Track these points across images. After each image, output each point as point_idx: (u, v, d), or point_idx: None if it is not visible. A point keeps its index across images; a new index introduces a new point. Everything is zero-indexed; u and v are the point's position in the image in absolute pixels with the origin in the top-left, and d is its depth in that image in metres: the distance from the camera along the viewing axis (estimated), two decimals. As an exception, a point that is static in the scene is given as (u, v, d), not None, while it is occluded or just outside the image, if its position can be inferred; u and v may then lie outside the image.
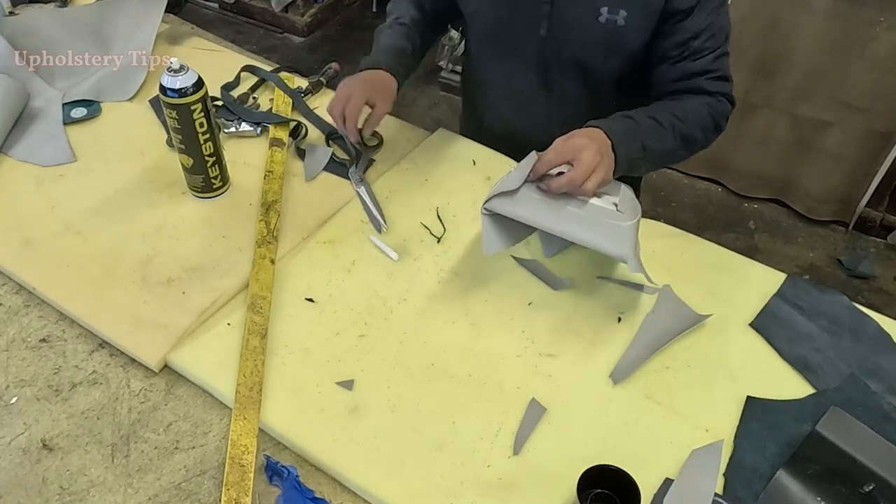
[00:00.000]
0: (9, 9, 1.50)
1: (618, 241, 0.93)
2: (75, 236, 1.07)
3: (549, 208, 0.95)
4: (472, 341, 0.95)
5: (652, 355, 0.92)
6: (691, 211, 2.46)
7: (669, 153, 1.04)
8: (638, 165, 1.01)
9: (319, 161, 1.21)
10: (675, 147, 1.03)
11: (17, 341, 0.95)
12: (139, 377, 0.91)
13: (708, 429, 0.86)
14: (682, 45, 1.04)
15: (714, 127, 1.07)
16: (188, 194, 1.15)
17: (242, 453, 0.82)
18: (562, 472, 0.80)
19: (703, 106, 1.05)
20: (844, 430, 0.84)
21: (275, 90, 1.36)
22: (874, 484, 0.79)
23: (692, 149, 1.07)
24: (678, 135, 1.02)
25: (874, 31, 2.01)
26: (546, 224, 0.95)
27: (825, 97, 2.16)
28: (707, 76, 1.05)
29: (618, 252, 0.92)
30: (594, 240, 0.93)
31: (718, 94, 1.06)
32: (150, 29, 1.42)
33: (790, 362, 0.93)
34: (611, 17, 1.03)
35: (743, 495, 0.79)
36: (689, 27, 1.02)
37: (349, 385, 0.89)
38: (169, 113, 1.04)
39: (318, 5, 3.34)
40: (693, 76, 1.05)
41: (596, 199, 0.97)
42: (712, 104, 1.05)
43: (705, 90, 1.05)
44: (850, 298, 1.01)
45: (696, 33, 1.02)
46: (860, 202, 2.31)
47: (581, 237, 0.94)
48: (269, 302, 0.97)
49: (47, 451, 0.84)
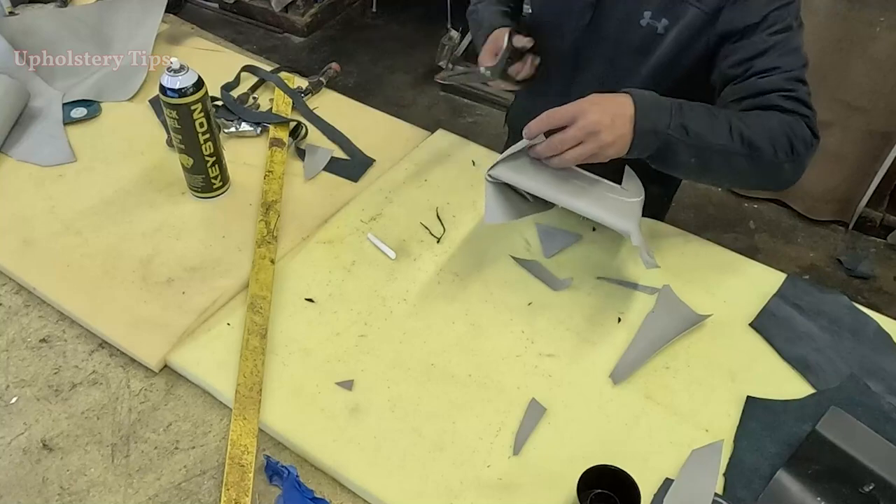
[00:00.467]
0: (9, 9, 1.50)
1: (622, 215, 0.92)
2: (75, 236, 1.07)
3: (554, 179, 0.94)
4: (472, 341, 0.95)
5: (652, 355, 0.92)
6: (691, 211, 2.46)
7: (726, 154, 0.91)
8: (677, 150, 0.90)
9: (319, 161, 1.21)
10: (735, 149, 0.90)
11: (17, 341, 0.95)
12: (139, 377, 0.91)
13: (708, 429, 0.86)
14: (745, 63, 0.96)
15: (789, 146, 0.92)
16: (188, 194, 1.15)
17: (242, 453, 0.82)
18: (562, 472, 0.80)
19: (775, 119, 0.92)
20: (844, 430, 0.84)
21: (275, 90, 1.36)
22: (874, 484, 0.79)
23: (761, 164, 0.92)
24: (738, 134, 0.90)
25: (874, 31, 2.00)
26: (550, 194, 0.93)
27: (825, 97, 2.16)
28: (780, 94, 0.94)
29: (621, 225, 0.91)
30: (598, 213, 0.92)
31: (796, 113, 0.94)
32: (150, 29, 1.42)
33: (790, 362, 0.93)
34: (652, 22, 1.02)
35: (743, 495, 0.79)
36: (749, 46, 0.95)
37: (349, 385, 0.89)
38: (169, 113, 1.04)
39: (318, 5, 3.34)
40: (763, 93, 0.94)
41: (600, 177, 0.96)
42: (788, 122, 0.93)
43: (779, 107, 0.93)
44: (850, 298, 1.01)
45: (761, 51, 0.95)
46: (860, 202, 2.31)
47: (585, 209, 0.92)
48: (269, 302, 0.97)
49: (47, 451, 0.84)
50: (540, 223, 1.10)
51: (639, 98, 0.88)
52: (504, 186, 0.96)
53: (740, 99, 0.96)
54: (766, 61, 0.95)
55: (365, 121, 1.33)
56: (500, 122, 1.47)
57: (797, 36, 0.97)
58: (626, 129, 0.87)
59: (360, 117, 1.34)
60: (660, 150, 0.90)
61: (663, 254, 1.07)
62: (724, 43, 0.99)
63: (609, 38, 1.08)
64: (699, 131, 0.89)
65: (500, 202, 0.96)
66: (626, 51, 1.07)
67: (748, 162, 0.92)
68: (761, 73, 0.95)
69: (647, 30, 1.03)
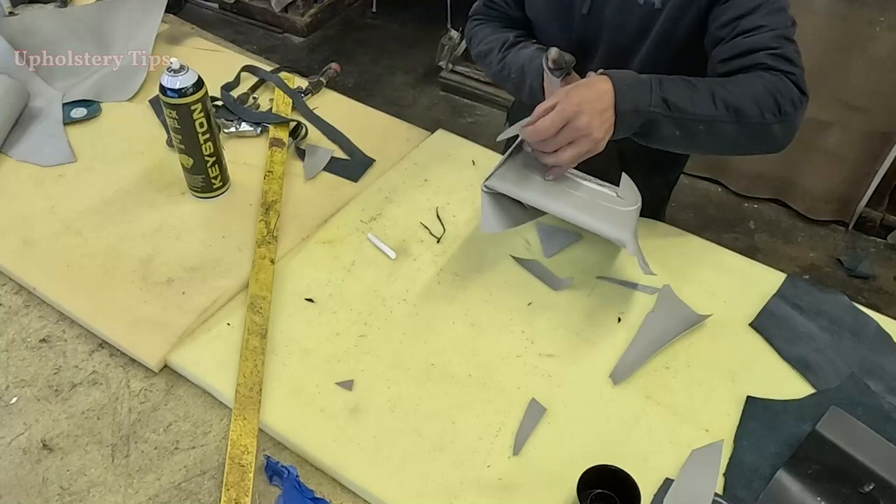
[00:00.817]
0: (9, 9, 1.50)
1: (617, 225, 0.92)
2: (75, 236, 1.07)
3: (550, 189, 0.95)
4: (472, 341, 0.95)
5: (652, 355, 0.92)
6: (691, 211, 2.46)
7: (712, 123, 0.91)
8: (661, 125, 0.91)
9: (319, 161, 1.21)
10: (721, 117, 0.91)
11: (17, 341, 0.95)
12: (139, 377, 0.91)
13: (708, 429, 0.86)
14: (732, 24, 0.95)
15: (776, 106, 0.91)
16: (188, 194, 1.15)
17: (242, 453, 0.82)
18: (562, 472, 0.80)
19: (758, 81, 0.92)
20: (844, 430, 0.84)
21: (275, 90, 1.36)
22: (874, 484, 0.79)
23: (749, 129, 0.92)
24: (721, 102, 0.90)
25: (874, 31, 2.00)
26: (546, 205, 0.95)
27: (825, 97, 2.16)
28: (766, 52, 0.93)
29: (616, 236, 0.92)
30: (593, 223, 0.93)
31: (780, 71, 0.93)
32: (150, 29, 1.42)
33: (790, 362, 0.93)
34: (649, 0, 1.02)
35: (743, 495, 0.79)
36: (736, 6, 0.95)
37: (349, 385, 0.89)
38: (169, 113, 1.04)
39: (318, 5, 3.34)
40: (748, 52, 0.94)
41: (597, 184, 0.97)
42: (773, 81, 0.92)
43: (764, 65, 0.93)
44: (850, 298, 1.01)
45: (747, 10, 0.94)
46: (860, 202, 2.31)
47: (580, 219, 0.93)
48: (269, 302, 0.97)
49: (47, 451, 0.84)
50: (540, 223, 1.10)
51: (616, 80, 0.89)
52: (500, 195, 0.96)
53: (727, 59, 0.96)
54: (753, 20, 0.95)
55: (365, 121, 1.33)
56: (500, 122, 1.47)
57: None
58: (610, 114, 0.88)
59: (360, 117, 1.34)
60: (643, 126, 0.91)
61: (663, 254, 1.07)
62: (713, 7, 0.99)
63: (610, 23, 1.08)
64: (680, 104, 0.90)
65: (496, 212, 0.97)
66: (628, 32, 1.07)
67: (735, 128, 0.92)
68: (747, 31, 0.95)
69: (646, 7, 1.03)
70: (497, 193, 0.96)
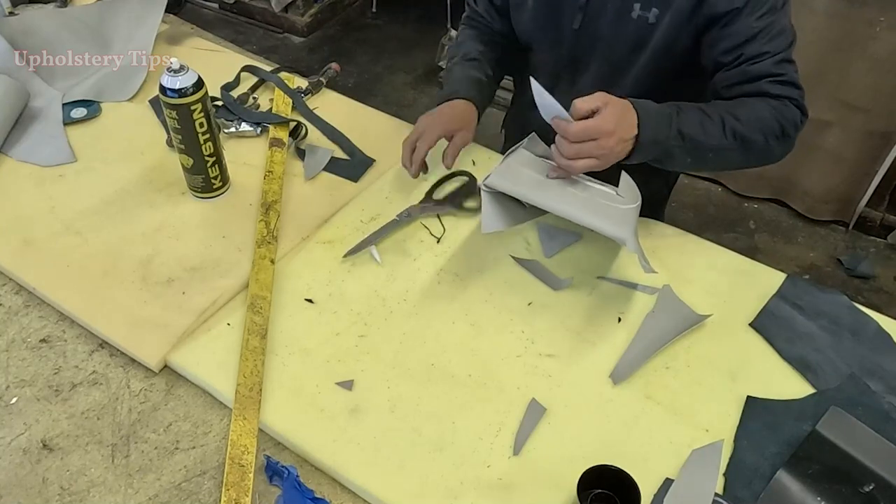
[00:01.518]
0: (9, 9, 1.50)
1: (617, 222, 0.93)
2: (75, 236, 1.07)
3: (550, 188, 0.95)
4: (472, 341, 0.95)
5: (652, 355, 0.92)
6: (691, 211, 2.46)
7: (720, 151, 0.97)
8: (674, 154, 0.96)
9: (319, 161, 1.21)
10: (728, 146, 0.96)
11: (17, 341, 0.95)
12: (139, 377, 0.91)
13: (708, 429, 0.86)
14: (735, 51, 0.99)
15: (781, 133, 0.98)
16: (188, 194, 1.15)
17: (242, 453, 0.82)
18: (562, 472, 0.80)
19: (765, 108, 0.97)
20: (844, 430, 0.84)
21: (275, 90, 1.36)
22: (874, 484, 0.79)
23: (752, 153, 0.99)
24: (731, 132, 0.96)
25: (874, 31, 2.00)
26: (546, 203, 0.95)
27: (825, 97, 2.16)
28: (770, 79, 0.98)
29: (616, 233, 0.92)
30: (593, 221, 0.93)
31: (784, 97, 0.98)
32: (150, 29, 1.42)
33: (790, 362, 0.93)
34: (643, 13, 1.03)
35: (743, 495, 0.79)
36: (737, 31, 0.98)
37: (349, 385, 0.89)
38: (169, 113, 1.04)
39: (318, 5, 3.34)
40: (753, 80, 0.99)
41: (597, 183, 0.97)
42: (778, 108, 0.98)
43: (769, 93, 0.98)
44: (850, 298, 1.01)
45: (749, 37, 0.97)
46: (860, 202, 2.31)
47: (580, 218, 0.93)
48: (269, 302, 0.97)
49: (47, 451, 0.84)
50: (540, 223, 1.10)
51: (641, 110, 0.92)
52: (500, 195, 0.96)
53: (731, 85, 1.01)
54: (755, 47, 0.98)
55: (365, 121, 1.33)
56: (500, 122, 1.47)
57: (783, 15, 1.00)
58: (631, 143, 0.92)
59: (360, 117, 1.34)
60: (658, 155, 0.95)
61: (663, 254, 1.07)
62: (712, 27, 1.00)
63: (603, 36, 1.09)
64: (693, 135, 0.95)
65: (496, 211, 0.97)
66: (622, 46, 1.08)
67: (740, 153, 0.99)
68: (751, 59, 0.99)
69: (639, 21, 1.04)
70: (497, 192, 0.96)
